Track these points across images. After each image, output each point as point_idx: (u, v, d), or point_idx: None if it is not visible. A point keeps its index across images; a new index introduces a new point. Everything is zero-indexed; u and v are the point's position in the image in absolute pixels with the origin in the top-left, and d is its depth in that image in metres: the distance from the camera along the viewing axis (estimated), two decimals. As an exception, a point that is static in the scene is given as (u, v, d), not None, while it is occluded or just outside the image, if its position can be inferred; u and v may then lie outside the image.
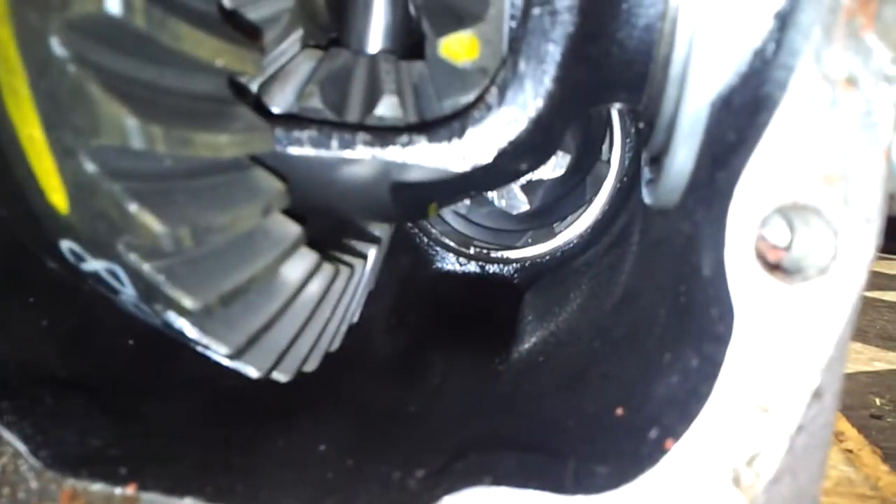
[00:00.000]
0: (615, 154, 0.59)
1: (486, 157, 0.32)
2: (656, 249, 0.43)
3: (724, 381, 0.26)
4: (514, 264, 0.60)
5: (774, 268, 0.25)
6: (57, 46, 0.21)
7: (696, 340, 0.29)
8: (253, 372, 0.32)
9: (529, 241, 0.59)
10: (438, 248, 0.61)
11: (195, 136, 0.25)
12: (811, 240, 0.25)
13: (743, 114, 0.28)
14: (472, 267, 0.61)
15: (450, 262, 0.61)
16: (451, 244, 0.59)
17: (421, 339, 0.54)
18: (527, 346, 0.49)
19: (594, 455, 0.29)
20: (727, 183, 0.26)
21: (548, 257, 0.60)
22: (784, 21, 0.26)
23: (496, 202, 0.56)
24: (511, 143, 0.32)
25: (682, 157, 0.32)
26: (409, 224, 0.60)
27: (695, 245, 0.30)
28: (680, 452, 0.26)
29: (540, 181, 0.56)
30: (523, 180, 0.56)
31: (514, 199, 0.55)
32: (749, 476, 0.25)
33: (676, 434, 0.26)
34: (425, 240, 0.60)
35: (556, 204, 0.57)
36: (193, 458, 0.31)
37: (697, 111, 0.30)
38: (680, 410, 0.27)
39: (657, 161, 0.38)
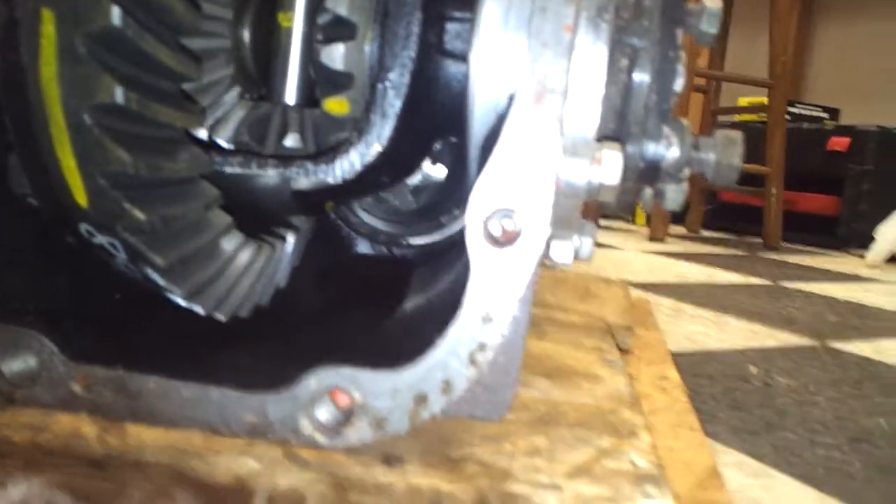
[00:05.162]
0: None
1: (350, 174, 0.51)
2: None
3: (466, 303, 0.44)
4: (413, 249, 0.79)
5: (493, 239, 0.44)
6: (87, 119, 0.40)
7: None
8: (200, 310, 0.51)
9: (422, 230, 0.78)
10: (357, 237, 0.80)
11: (163, 164, 0.44)
12: (514, 224, 0.44)
13: (492, 146, 0.46)
14: (383, 251, 0.80)
15: (365, 247, 0.80)
16: (366, 233, 0.78)
17: (335, 302, 0.73)
18: (409, 307, 0.68)
19: (399, 356, 0.47)
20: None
21: (440, 244, 0.79)
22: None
23: (392, 202, 0.75)
24: (365, 167, 0.51)
25: (473, 171, 0.51)
26: (335, 217, 0.79)
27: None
28: (440, 344, 0.44)
29: (425, 185, 0.75)
30: (412, 185, 0.75)
31: (405, 198, 0.74)
32: (480, 357, 0.44)
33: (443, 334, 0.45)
34: (346, 230, 0.79)
35: (439, 203, 0.76)
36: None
37: (477, 142, 0.49)
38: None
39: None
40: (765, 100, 3.30)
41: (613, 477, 0.46)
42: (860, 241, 3.29)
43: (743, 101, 3.87)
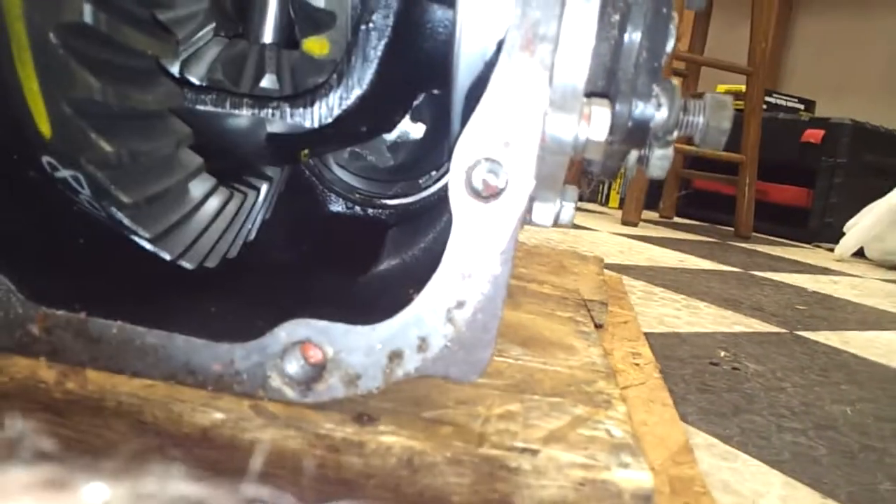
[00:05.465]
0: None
1: (328, 119, 0.49)
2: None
3: (446, 258, 0.42)
4: (389, 209, 0.77)
5: (476, 193, 0.42)
6: (53, 38, 0.37)
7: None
8: (166, 255, 0.49)
9: (399, 191, 0.76)
10: (331, 194, 0.77)
11: (133, 94, 0.41)
12: (498, 178, 0.42)
13: (478, 96, 0.44)
14: (357, 210, 0.77)
15: (339, 205, 0.77)
16: (340, 191, 0.76)
17: (307, 259, 0.71)
18: (383, 266, 0.66)
19: (378, 312, 0.46)
20: (459, 143, 0.43)
21: (417, 205, 0.77)
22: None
23: (368, 157, 0.73)
24: (344, 111, 0.49)
25: (456, 125, 0.49)
26: (308, 172, 0.76)
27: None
28: (418, 301, 0.43)
29: (403, 143, 0.72)
30: (390, 141, 0.72)
31: (382, 155, 0.72)
32: (457, 315, 0.43)
33: (421, 290, 0.43)
34: (320, 186, 0.77)
35: (416, 162, 0.74)
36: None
37: (461, 93, 0.47)
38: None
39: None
40: (742, 87, 3.31)
41: (589, 444, 0.44)
42: (830, 234, 3.31)
43: (721, 89, 3.87)
